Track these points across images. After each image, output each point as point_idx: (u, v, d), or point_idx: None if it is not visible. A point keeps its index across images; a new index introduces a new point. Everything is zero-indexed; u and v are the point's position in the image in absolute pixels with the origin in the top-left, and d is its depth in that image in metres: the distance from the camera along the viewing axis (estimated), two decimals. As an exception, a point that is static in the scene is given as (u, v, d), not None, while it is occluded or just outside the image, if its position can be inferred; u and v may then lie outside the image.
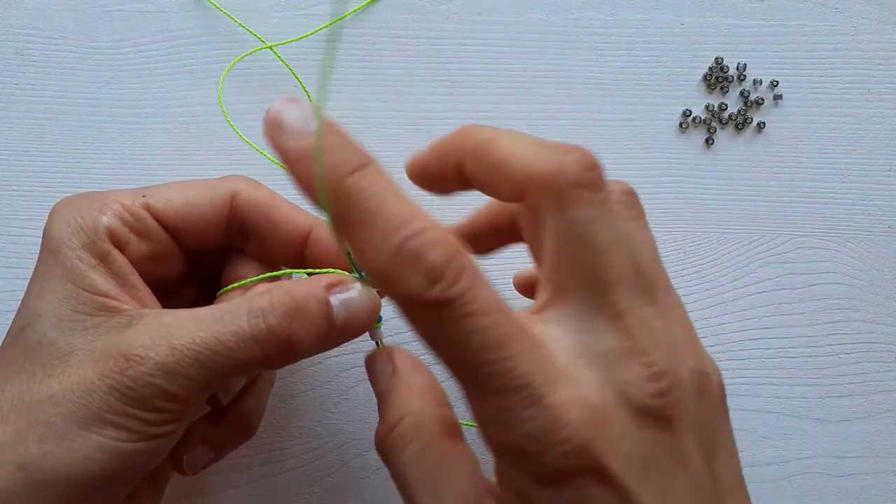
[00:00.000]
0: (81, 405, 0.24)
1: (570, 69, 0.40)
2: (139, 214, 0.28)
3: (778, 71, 0.40)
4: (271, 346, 0.25)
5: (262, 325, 0.25)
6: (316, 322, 0.26)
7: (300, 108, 0.22)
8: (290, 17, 0.39)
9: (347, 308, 0.27)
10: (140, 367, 0.24)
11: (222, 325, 0.25)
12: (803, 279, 0.39)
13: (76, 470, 0.24)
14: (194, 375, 0.25)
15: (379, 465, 0.38)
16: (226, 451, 0.31)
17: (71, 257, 0.26)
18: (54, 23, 0.39)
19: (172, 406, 0.25)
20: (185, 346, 0.25)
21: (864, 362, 0.39)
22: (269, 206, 0.30)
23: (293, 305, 0.25)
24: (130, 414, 0.24)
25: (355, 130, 0.40)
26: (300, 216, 0.30)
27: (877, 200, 0.40)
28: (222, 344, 0.25)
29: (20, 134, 0.38)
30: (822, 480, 0.39)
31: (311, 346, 0.26)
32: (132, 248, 0.28)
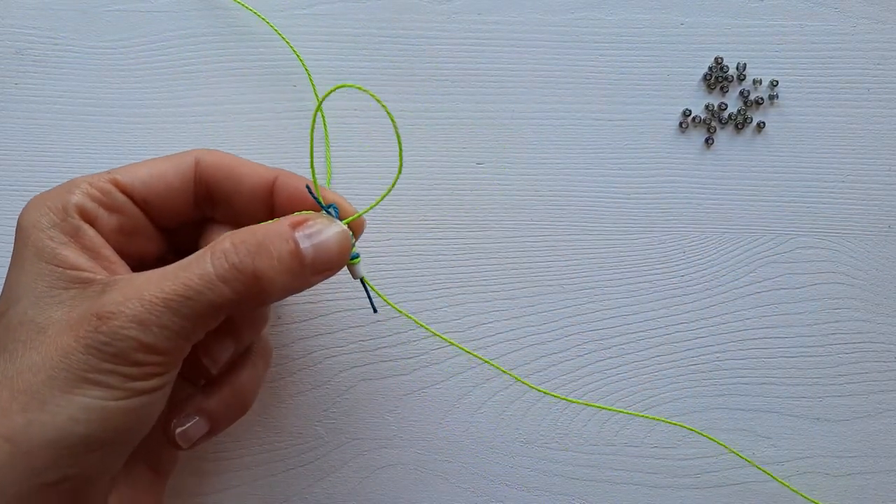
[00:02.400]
0: (61, 369, 0.24)
1: (570, 69, 0.40)
2: (106, 188, 0.28)
3: (778, 71, 0.40)
4: (239, 283, 0.26)
5: (226, 265, 0.25)
6: (283, 258, 0.26)
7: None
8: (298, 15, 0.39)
9: (315, 243, 0.27)
10: (113, 321, 0.24)
11: (188, 272, 0.25)
12: (803, 279, 0.39)
13: (63, 433, 0.24)
14: (168, 323, 0.25)
15: (379, 465, 0.38)
16: (221, 425, 0.31)
17: (42, 238, 0.26)
18: (54, 23, 0.39)
19: (152, 358, 0.25)
20: (155, 295, 0.25)
21: (864, 362, 0.39)
22: (229, 165, 0.30)
23: (255, 243, 0.26)
24: (110, 370, 0.24)
25: (355, 131, 0.40)
26: (261, 169, 0.30)
27: (877, 200, 0.40)
28: (191, 289, 0.25)
29: (20, 134, 0.38)
30: (822, 480, 0.39)
31: (282, 284, 0.27)
32: (102, 221, 0.28)
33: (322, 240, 0.27)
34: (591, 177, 0.39)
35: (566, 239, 0.39)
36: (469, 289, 0.38)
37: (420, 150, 0.39)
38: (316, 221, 0.28)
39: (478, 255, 0.39)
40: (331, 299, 0.38)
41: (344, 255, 0.28)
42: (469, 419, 0.38)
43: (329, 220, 0.28)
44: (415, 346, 0.38)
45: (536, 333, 0.38)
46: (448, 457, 0.38)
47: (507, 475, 0.38)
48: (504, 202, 0.39)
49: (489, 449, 0.38)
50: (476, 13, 0.40)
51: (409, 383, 0.38)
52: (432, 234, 0.39)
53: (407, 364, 0.38)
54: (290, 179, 0.30)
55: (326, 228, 0.28)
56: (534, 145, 0.39)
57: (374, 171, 0.39)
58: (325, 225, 0.28)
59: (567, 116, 0.39)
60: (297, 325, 0.38)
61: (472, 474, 0.38)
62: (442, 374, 0.38)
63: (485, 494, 0.38)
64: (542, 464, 0.38)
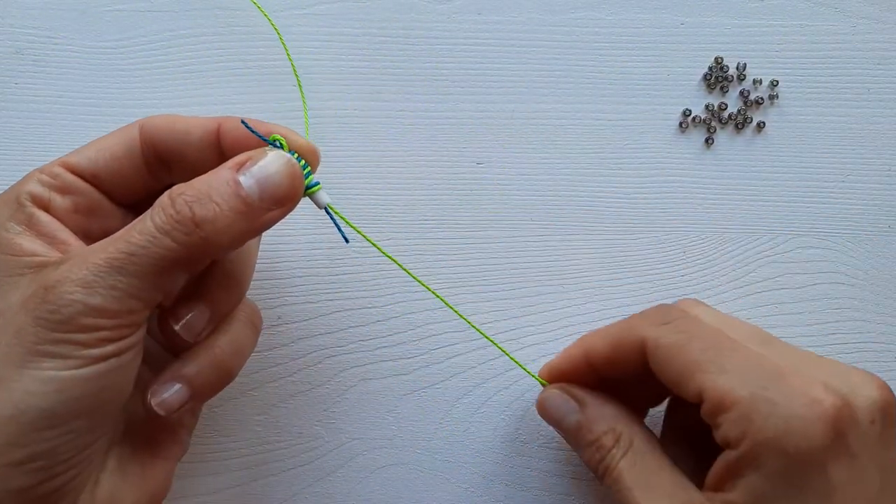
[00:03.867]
0: (14, 345, 0.24)
1: (570, 69, 0.40)
2: (55, 172, 0.28)
3: (778, 71, 0.40)
4: (180, 233, 0.25)
5: (164, 217, 0.25)
6: (226, 200, 0.26)
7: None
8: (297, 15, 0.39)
9: (261, 180, 0.27)
10: (57, 288, 0.24)
11: (131, 230, 0.25)
12: (803, 279, 0.39)
13: (22, 407, 0.24)
14: (115, 283, 0.24)
15: (379, 465, 0.38)
16: (203, 393, 0.30)
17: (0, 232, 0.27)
18: (54, 22, 0.39)
19: (103, 322, 0.24)
20: (99, 256, 0.25)
21: (864, 362, 0.39)
22: (171, 122, 0.29)
23: (195, 190, 0.26)
24: (61, 339, 0.24)
25: (356, 130, 0.40)
26: (204, 120, 0.30)
27: (877, 200, 0.40)
28: (133, 244, 0.25)
29: (19, 133, 0.38)
30: (821, 480, 0.39)
31: (229, 227, 0.26)
32: (56, 204, 0.28)
33: (266, 174, 0.27)
34: (591, 177, 0.39)
35: (566, 239, 0.39)
36: (469, 289, 0.38)
37: (420, 149, 0.39)
38: (258, 157, 0.27)
39: (478, 255, 0.39)
40: (331, 299, 0.38)
41: (295, 185, 0.27)
42: (469, 419, 0.38)
43: (274, 153, 0.27)
44: (414, 346, 0.38)
45: (537, 333, 0.38)
46: (448, 457, 0.38)
47: (507, 475, 0.38)
48: (504, 202, 0.39)
49: (489, 449, 0.38)
50: (476, 13, 0.40)
51: (409, 383, 0.38)
52: (432, 234, 0.39)
53: (407, 364, 0.38)
54: (233, 122, 0.29)
55: (270, 162, 0.27)
56: (534, 145, 0.39)
57: (375, 170, 0.39)
58: (269, 159, 0.27)
59: (567, 116, 0.39)
60: (297, 325, 0.38)
61: (472, 474, 0.38)
62: (442, 374, 0.38)
63: (485, 494, 0.38)
64: (542, 464, 0.38)
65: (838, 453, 0.24)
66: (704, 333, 0.29)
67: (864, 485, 0.25)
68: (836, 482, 0.24)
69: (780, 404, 0.25)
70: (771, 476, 0.25)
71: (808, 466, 0.24)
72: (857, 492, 0.25)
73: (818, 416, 0.24)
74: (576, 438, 0.31)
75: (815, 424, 0.24)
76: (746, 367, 0.27)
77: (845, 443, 0.25)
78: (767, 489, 0.25)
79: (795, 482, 0.24)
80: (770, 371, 0.26)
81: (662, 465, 0.29)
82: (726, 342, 0.28)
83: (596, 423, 0.30)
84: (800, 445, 0.24)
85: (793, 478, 0.24)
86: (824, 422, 0.24)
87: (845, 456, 0.25)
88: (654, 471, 0.28)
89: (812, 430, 0.24)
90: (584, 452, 0.31)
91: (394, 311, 0.38)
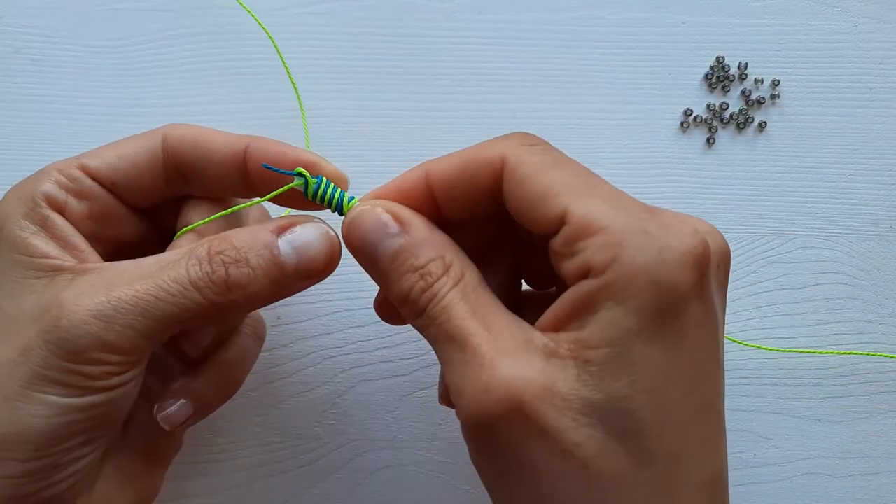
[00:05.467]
0: (21, 364, 0.24)
1: (571, 68, 0.39)
2: (73, 175, 0.28)
3: (779, 70, 0.40)
4: (212, 292, 0.25)
5: (200, 272, 0.25)
6: (262, 266, 0.26)
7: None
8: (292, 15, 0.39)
9: (299, 249, 0.26)
10: (73, 315, 0.24)
11: (164, 273, 0.25)
12: (804, 279, 0.39)
13: (23, 428, 0.24)
14: (135, 323, 0.24)
15: (379, 466, 0.37)
16: (209, 407, 0.30)
17: (13, 229, 0.26)
18: (52, 22, 0.39)
19: (112, 357, 0.24)
20: (125, 292, 0.24)
21: (866, 363, 0.39)
22: (196, 137, 0.29)
23: (234, 251, 0.25)
24: (69, 369, 0.24)
25: (356, 130, 0.40)
26: (231, 139, 0.29)
27: (878, 200, 0.40)
28: (163, 290, 0.25)
29: (18, 132, 0.38)
30: (823, 481, 0.38)
31: (261, 293, 0.26)
32: (72, 209, 0.28)
33: (305, 244, 0.26)
34: (591, 176, 0.39)
35: (567, 239, 0.39)
36: (469, 289, 0.38)
37: (420, 149, 0.39)
38: (300, 226, 0.27)
39: (478, 256, 0.38)
40: (331, 299, 0.38)
41: (332, 260, 0.27)
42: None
43: (315, 225, 0.27)
44: (414, 346, 0.38)
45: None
46: (448, 457, 0.38)
47: (507, 476, 0.38)
48: (504, 202, 0.39)
49: (489, 450, 0.38)
50: (476, 12, 0.39)
51: (409, 384, 0.38)
52: (432, 234, 0.39)
53: (406, 365, 0.38)
54: (261, 145, 0.28)
55: (311, 232, 0.27)
56: (534, 145, 0.39)
57: (375, 170, 0.39)
58: (310, 230, 0.27)
59: (568, 116, 0.39)
60: (297, 325, 0.38)
61: (472, 475, 0.37)
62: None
63: (485, 495, 0.38)
64: (542, 465, 0.38)
65: (700, 293, 0.23)
66: (571, 162, 0.26)
67: (710, 327, 0.24)
68: (692, 322, 0.23)
69: (656, 235, 0.23)
70: (636, 310, 0.22)
71: (674, 302, 0.22)
72: (705, 333, 0.24)
73: (690, 250, 0.23)
74: (394, 265, 0.25)
75: (687, 259, 0.22)
76: (617, 197, 0.24)
77: (704, 283, 0.23)
78: (631, 324, 0.22)
79: (659, 319, 0.22)
80: (641, 206, 0.24)
81: (496, 303, 0.25)
82: (594, 175, 0.25)
83: (422, 248, 0.25)
84: (672, 278, 0.22)
85: (658, 314, 0.22)
86: (694, 258, 0.23)
87: (702, 297, 0.23)
88: (488, 307, 0.25)
89: (684, 265, 0.22)
90: (403, 282, 0.25)
91: (394, 312, 0.38)
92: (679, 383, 0.23)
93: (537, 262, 0.30)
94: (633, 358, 0.22)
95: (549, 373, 0.23)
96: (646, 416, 0.22)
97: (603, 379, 0.22)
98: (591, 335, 0.23)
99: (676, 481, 0.23)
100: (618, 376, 0.22)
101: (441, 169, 0.27)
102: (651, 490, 0.22)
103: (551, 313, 0.24)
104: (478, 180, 0.26)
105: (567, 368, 0.23)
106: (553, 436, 0.22)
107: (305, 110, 0.38)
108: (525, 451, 0.23)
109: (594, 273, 0.23)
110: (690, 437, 0.23)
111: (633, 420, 0.22)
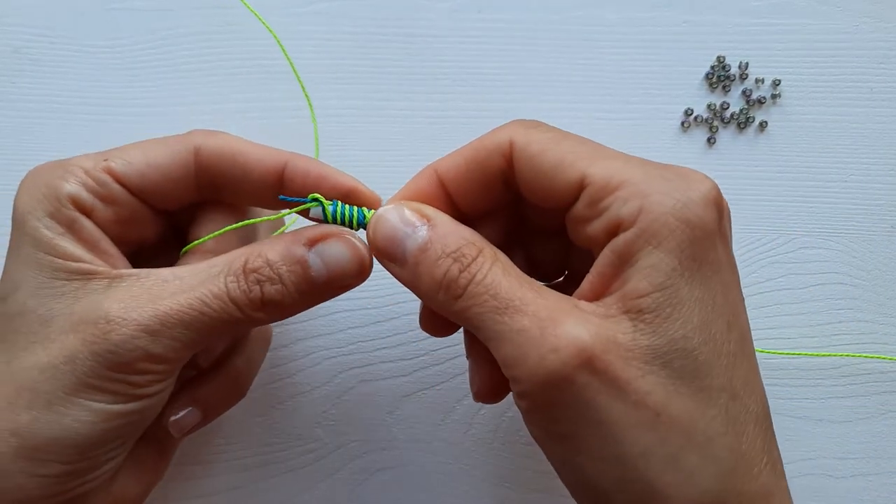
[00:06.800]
0: (66, 372, 0.25)
1: (571, 67, 0.39)
2: (101, 179, 0.28)
3: (780, 70, 0.40)
4: (249, 308, 0.26)
5: (238, 290, 0.26)
6: (294, 282, 0.26)
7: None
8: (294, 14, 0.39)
9: (328, 263, 0.27)
10: (123, 329, 0.25)
11: (204, 287, 0.26)
12: (805, 279, 0.39)
13: (68, 433, 0.25)
14: (179, 336, 0.25)
15: (379, 467, 0.37)
16: (215, 412, 0.32)
17: (38, 227, 0.26)
18: (51, 21, 0.39)
19: (158, 367, 0.25)
20: (170, 307, 0.25)
21: (867, 363, 0.39)
22: (233, 154, 0.28)
23: (267, 271, 0.26)
24: (115, 378, 0.25)
25: (356, 129, 0.40)
26: (269, 156, 0.29)
27: (879, 200, 0.40)
28: (206, 305, 0.25)
29: (16, 131, 0.38)
30: (824, 482, 0.38)
31: (292, 307, 0.27)
32: (99, 213, 0.28)
33: (334, 260, 0.27)
34: (592, 176, 0.39)
35: (567, 239, 0.39)
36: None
37: (420, 148, 0.39)
38: (331, 240, 0.27)
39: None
40: (331, 300, 0.38)
41: (362, 270, 0.27)
42: (469, 420, 0.38)
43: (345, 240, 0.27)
44: (414, 346, 0.38)
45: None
46: (448, 458, 0.38)
47: (508, 477, 0.38)
48: (505, 202, 0.39)
49: (490, 450, 0.38)
50: (476, 11, 0.39)
51: (409, 385, 0.38)
52: (432, 234, 0.38)
53: (407, 365, 0.38)
54: (300, 164, 0.29)
55: (341, 246, 0.27)
56: (535, 145, 0.39)
57: (375, 169, 0.39)
58: (340, 242, 0.27)
59: (568, 115, 0.39)
60: (297, 325, 0.38)
61: (473, 476, 0.38)
62: (442, 376, 0.38)
63: (486, 497, 0.38)
64: (544, 465, 0.38)
65: (721, 231, 0.24)
66: (576, 136, 0.27)
67: (733, 264, 0.26)
68: (720, 258, 0.24)
69: (674, 182, 0.24)
70: (674, 250, 0.23)
71: (705, 239, 0.24)
72: (731, 270, 0.25)
73: (708, 191, 0.24)
74: (424, 255, 0.25)
75: (708, 199, 0.24)
76: (628, 157, 0.26)
77: (723, 222, 0.25)
78: (673, 264, 0.23)
79: (695, 256, 0.23)
80: (651, 162, 0.25)
81: (531, 279, 0.25)
82: (601, 145, 0.26)
83: (451, 236, 0.25)
84: (699, 217, 0.23)
85: (693, 251, 0.23)
86: (714, 199, 0.24)
87: (723, 235, 0.25)
88: (530, 280, 0.25)
89: (706, 204, 0.24)
90: (437, 268, 0.25)
91: (393, 312, 0.38)
92: (722, 318, 0.24)
93: (547, 253, 0.31)
94: (681, 297, 0.23)
95: (607, 328, 0.23)
96: (702, 354, 0.23)
97: (659, 324, 0.23)
98: (637, 285, 0.23)
99: (738, 415, 0.23)
100: (672, 318, 0.23)
101: (451, 164, 0.27)
102: (720, 426, 0.23)
103: (589, 281, 0.25)
104: (489, 166, 0.27)
105: (622, 322, 0.23)
106: (624, 387, 0.23)
107: (305, 109, 0.38)
108: (598, 406, 0.23)
109: (625, 225, 0.24)
110: (739, 372, 0.24)
111: (692, 359, 0.23)
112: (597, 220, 0.24)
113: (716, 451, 0.23)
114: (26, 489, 0.25)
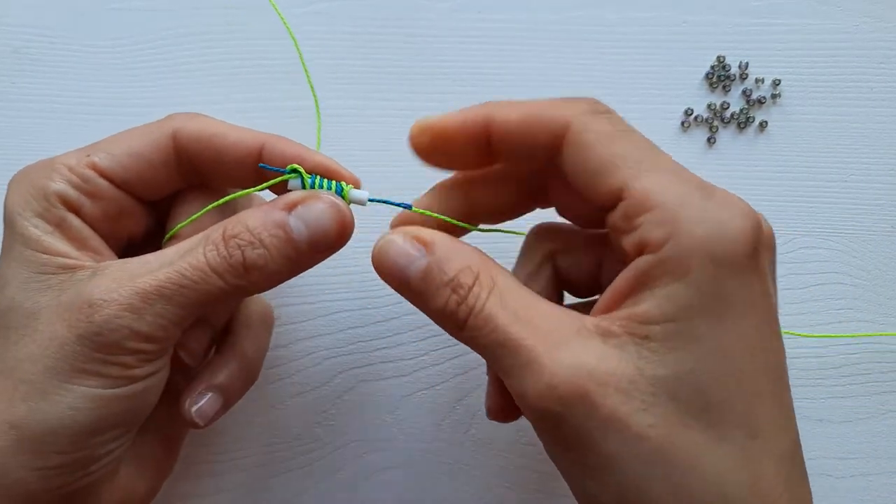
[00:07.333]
0: (57, 359, 0.25)
1: (571, 67, 0.39)
2: (86, 175, 0.28)
3: (780, 70, 0.40)
4: (231, 275, 0.26)
5: (218, 257, 0.26)
6: (276, 246, 0.26)
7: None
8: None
9: (310, 225, 0.27)
10: (105, 309, 0.25)
11: (183, 261, 0.26)
12: (805, 279, 0.39)
13: (65, 421, 0.25)
14: (163, 312, 0.25)
15: (379, 467, 0.37)
16: (233, 399, 0.32)
17: (27, 226, 0.27)
18: (51, 21, 0.39)
19: (147, 346, 0.25)
20: (149, 283, 0.25)
21: (867, 363, 0.39)
22: (210, 136, 0.29)
23: (247, 235, 0.26)
24: (106, 360, 0.25)
25: (356, 129, 0.40)
26: (247, 137, 0.29)
27: (879, 200, 0.40)
28: (185, 277, 0.25)
29: (16, 132, 0.38)
30: (825, 482, 0.38)
31: (278, 271, 0.26)
32: (87, 210, 0.28)
33: (316, 219, 0.27)
34: (592, 176, 0.39)
35: (567, 239, 0.39)
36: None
37: (420, 149, 0.39)
38: (310, 201, 0.27)
39: (478, 256, 0.38)
40: (331, 300, 0.38)
41: (343, 232, 0.27)
42: (469, 421, 0.38)
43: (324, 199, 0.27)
44: (414, 347, 0.38)
45: (537, 334, 0.38)
46: (448, 458, 0.38)
47: (509, 477, 0.38)
48: (505, 202, 0.39)
49: (490, 451, 0.38)
50: (476, 11, 0.39)
51: (409, 385, 0.38)
52: (432, 234, 0.38)
53: (406, 365, 0.38)
54: (277, 145, 0.29)
55: (320, 207, 0.27)
56: (535, 145, 0.39)
57: (375, 169, 0.39)
58: (319, 203, 0.27)
59: (568, 116, 0.39)
60: (297, 325, 0.38)
61: (473, 476, 0.38)
62: (442, 376, 0.38)
63: (486, 497, 0.38)
64: (544, 465, 0.38)
65: (756, 267, 0.23)
66: (635, 134, 0.26)
67: (768, 301, 0.24)
68: (751, 296, 0.23)
69: (711, 211, 0.23)
70: (696, 283, 0.22)
71: (734, 276, 0.23)
72: (764, 307, 0.24)
73: (744, 226, 0.23)
74: (426, 285, 0.26)
75: (742, 235, 0.23)
76: (676, 173, 0.24)
77: (759, 258, 0.23)
78: (693, 299, 0.22)
79: (721, 293, 0.23)
80: (698, 182, 0.24)
81: (535, 299, 0.25)
82: (656, 149, 0.25)
83: (448, 262, 0.25)
84: (729, 252, 0.22)
85: (717, 288, 0.22)
86: (749, 233, 0.23)
87: (758, 271, 0.23)
88: (529, 305, 0.25)
89: (740, 239, 0.23)
90: (438, 298, 0.25)
91: (393, 312, 0.38)
92: (746, 356, 0.23)
93: (582, 264, 0.30)
94: (696, 333, 0.23)
95: (609, 356, 0.23)
96: (717, 390, 0.23)
97: (665, 354, 0.23)
98: (648, 310, 0.23)
99: (757, 453, 0.23)
100: (681, 351, 0.23)
101: (505, 117, 0.27)
102: (733, 463, 0.23)
103: (607, 294, 0.24)
104: (539, 138, 0.26)
105: (625, 346, 0.23)
106: (624, 420, 0.22)
107: (305, 109, 0.38)
108: (599, 440, 0.23)
109: (650, 248, 0.23)
110: (764, 409, 0.23)
111: (702, 395, 0.23)
112: (629, 234, 0.24)
113: (725, 487, 0.22)
114: (27, 483, 0.25)
